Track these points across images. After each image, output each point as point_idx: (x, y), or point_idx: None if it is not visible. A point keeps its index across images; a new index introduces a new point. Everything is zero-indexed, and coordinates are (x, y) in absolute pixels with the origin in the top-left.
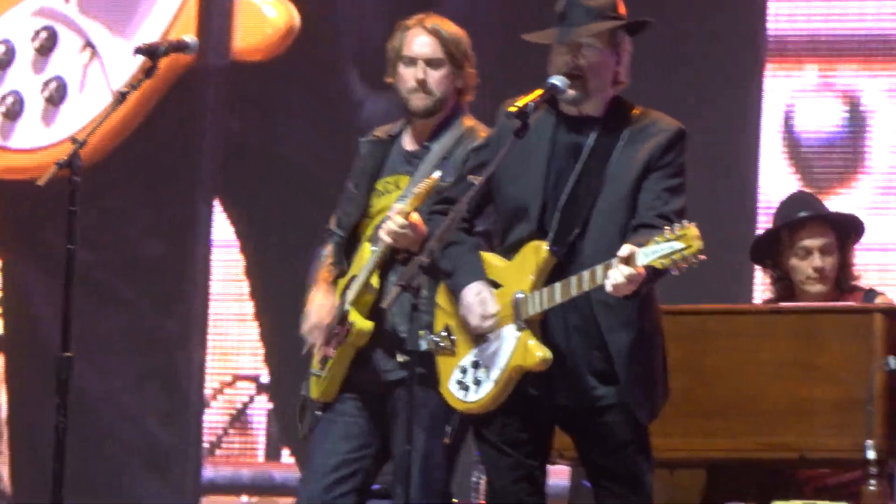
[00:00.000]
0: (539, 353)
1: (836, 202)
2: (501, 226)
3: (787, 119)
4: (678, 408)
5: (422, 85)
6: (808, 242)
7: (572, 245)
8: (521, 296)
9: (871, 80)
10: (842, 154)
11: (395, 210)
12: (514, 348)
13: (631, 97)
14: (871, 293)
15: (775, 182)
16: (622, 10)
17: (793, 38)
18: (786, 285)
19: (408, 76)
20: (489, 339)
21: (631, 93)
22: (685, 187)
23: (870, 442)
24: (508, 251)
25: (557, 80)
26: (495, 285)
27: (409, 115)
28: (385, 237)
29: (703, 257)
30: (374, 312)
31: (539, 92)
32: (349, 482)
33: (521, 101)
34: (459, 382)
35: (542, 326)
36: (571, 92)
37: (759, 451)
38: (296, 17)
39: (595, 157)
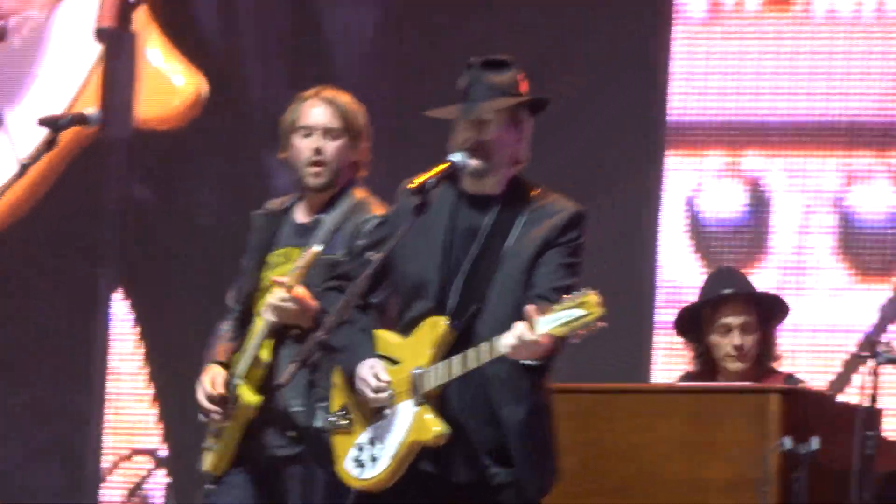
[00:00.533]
0: (436, 427)
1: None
2: (400, 302)
3: (691, 202)
4: (577, 485)
5: (318, 154)
6: (728, 320)
7: (470, 322)
8: (418, 371)
9: (773, 165)
10: (746, 236)
11: (278, 284)
12: (411, 423)
13: (534, 177)
14: (791, 378)
15: (677, 263)
16: (524, 88)
17: (694, 123)
18: (706, 361)
19: (304, 147)
20: (386, 416)
21: (533, 173)
22: (581, 268)
23: None
24: (406, 328)
25: (457, 157)
26: (393, 362)
27: (303, 189)
28: (268, 315)
29: (602, 324)
30: (265, 387)
31: (438, 168)
32: None
33: (421, 179)
34: (356, 460)
35: (441, 403)
36: (474, 163)
37: None
38: (204, 86)
39: (493, 236)
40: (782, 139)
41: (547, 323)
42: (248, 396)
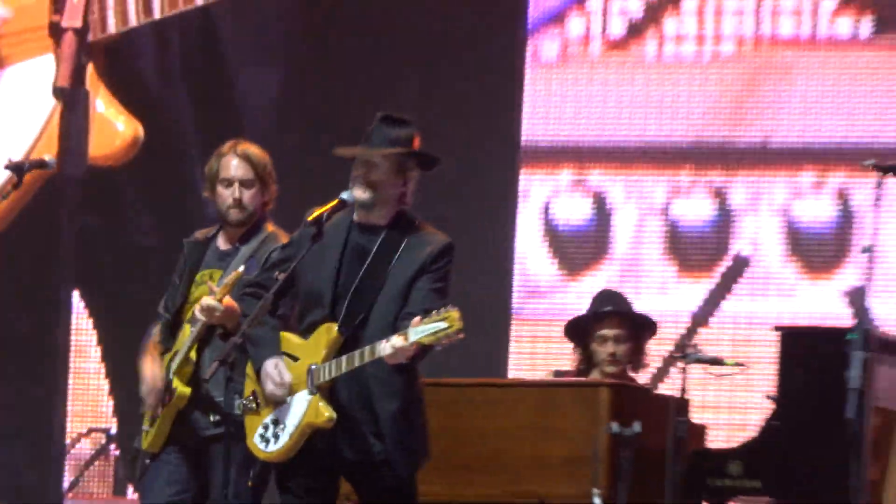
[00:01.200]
0: (327, 413)
1: (586, 283)
2: (300, 310)
3: (546, 213)
4: (443, 462)
5: (238, 203)
6: (605, 332)
7: (357, 328)
8: (314, 367)
9: (614, 181)
10: (591, 240)
11: (209, 294)
12: (307, 409)
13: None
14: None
15: (534, 268)
16: (416, 144)
17: (546, 144)
18: (586, 361)
19: (226, 195)
20: (287, 402)
21: (420, 184)
22: (448, 290)
23: (596, 490)
24: (305, 331)
25: (346, 195)
26: (293, 358)
27: (224, 223)
28: (200, 315)
29: (461, 336)
30: (193, 380)
31: (331, 204)
32: None
33: (317, 212)
34: (262, 436)
35: (332, 394)
36: (361, 196)
37: (507, 497)
38: (140, 130)
39: (378, 259)
40: (622, 160)
41: (417, 333)
42: (182, 389)
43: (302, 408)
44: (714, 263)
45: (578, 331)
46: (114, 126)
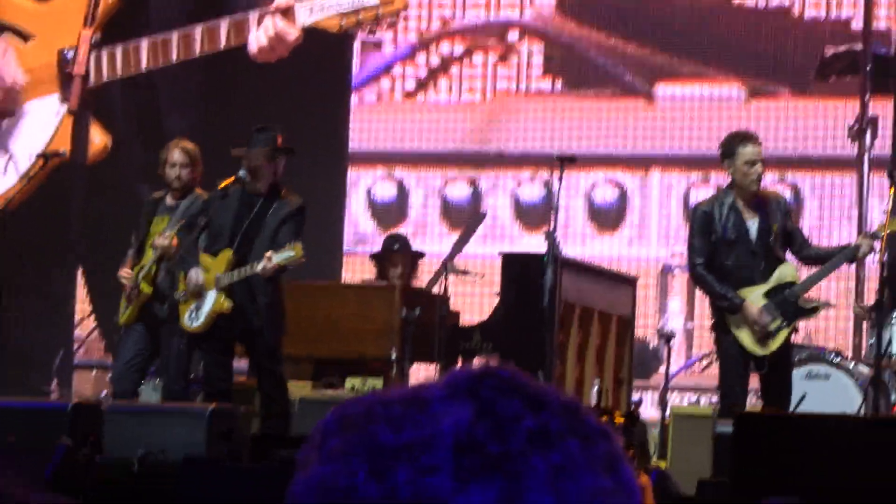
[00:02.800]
0: (227, 304)
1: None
2: (211, 241)
3: (370, 195)
4: (299, 334)
5: (179, 178)
6: (394, 260)
7: (245, 254)
8: (219, 276)
9: (413, 175)
10: (394, 210)
11: (163, 236)
12: (214, 301)
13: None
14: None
15: (362, 226)
16: (279, 142)
17: (372, 150)
18: (383, 276)
19: (172, 173)
20: (203, 296)
21: (287, 176)
22: (301, 232)
23: (393, 349)
24: (213, 254)
25: (242, 174)
26: (206, 270)
27: (170, 189)
28: (157, 247)
29: (303, 260)
30: (153, 283)
31: (232, 178)
32: (136, 366)
33: (224, 184)
34: (189, 317)
35: (229, 292)
36: (249, 178)
37: (340, 354)
38: (109, 142)
39: (260, 213)
40: (415, 162)
41: (276, 257)
42: (146, 288)
43: (211, 300)
44: (462, 223)
45: (378, 259)
46: (93, 139)
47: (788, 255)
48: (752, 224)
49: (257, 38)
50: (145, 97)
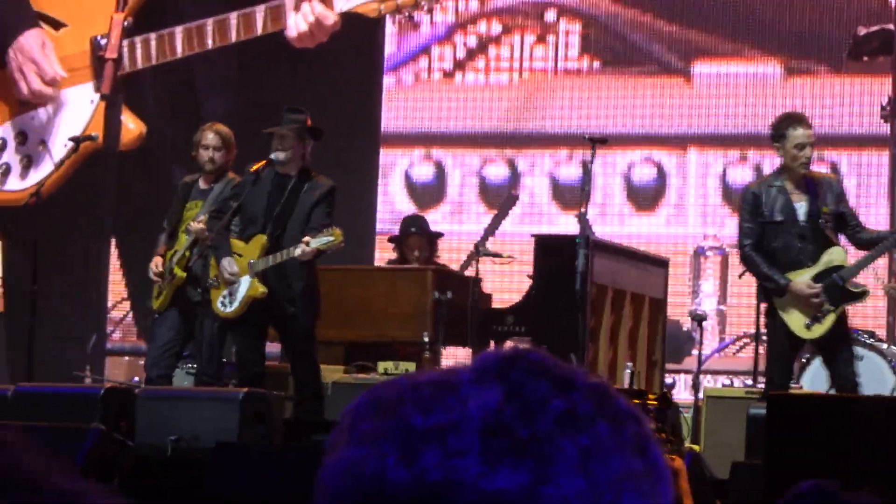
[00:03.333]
0: (261, 289)
1: (430, 215)
2: (244, 226)
3: (408, 176)
4: (333, 317)
5: (212, 161)
6: (411, 243)
7: (278, 238)
8: (252, 262)
9: (450, 155)
10: (431, 192)
11: (196, 220)
12: (248, 287)
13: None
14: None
15: (395, 205)
16: (308, 123)
17: (410, 132)
18: (402, 258)
19: (205, 156)
20: (237, 282)
21: (317, 158)
22: (333, 214)
23: (425, 333)
24: (246, 239)
25: (273, 156)
26: (240, 255)
27: (203, 172)
28: (192, 231)
29: (342, 245)
30: (186, 267)
31: (263, 161)
32: (171, 351)
33: (255, 167)
34: (221, 303)
35: (262, 277)
36: (280, 157)
37: (371, 337)
38: (144, 130)
39: (291, 195)
40: (454, 143)
41: (316, 242)
42: (180, 273)
43: (246, 286)
44: (497, 200)
45: (397, 241)
46: (128, 126)
47: (842, 239)
48: (801, 206)
49: (296, 24)
50: (181, 82)
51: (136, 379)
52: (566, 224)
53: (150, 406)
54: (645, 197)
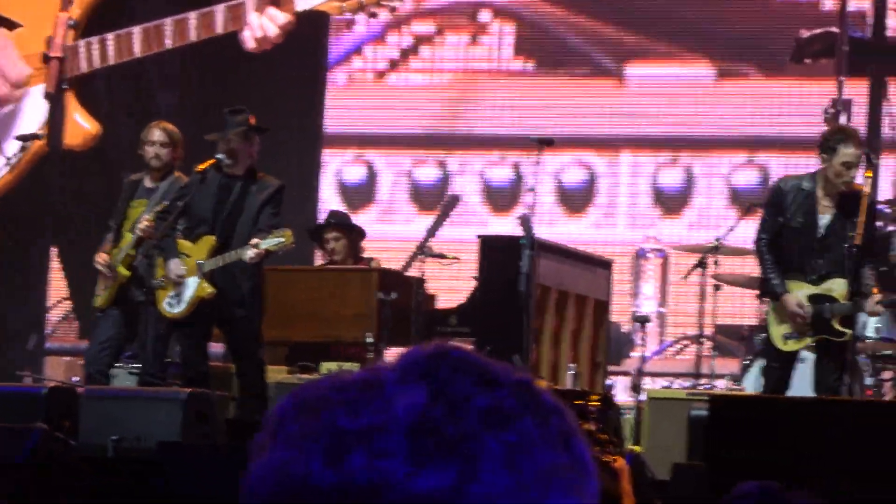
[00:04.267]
0: (209, 290)
1: (362, 216)
2: (191, 226)
3: (339, 177)
4: (278, 317)
5: (158, 158)
6: (329, 236)
7: (226, 240)
8: (201, 262)
9: (382, 157)
10: (360, 193)
11: (142, 220)
12: (196, 288)
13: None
14: (371, 260)
15: (330, 203)
16: (252, 121)
17: (342, 133)
18: (327, 255)
19: (150, 152)
20: (185, 283)
21: (261, 160)
22: (280, 214)
23: (369, 333)
24: (194, 240)
25: (219, 156)
26: (187, 256)
27: (149, 169)
28: (139, 231)
29: (293, 245)
30: (130, 267)
31: (210, 161)
32: (110, 349)
33: (202, 167)
34: (168, 303)
35: (210, 278)
36: (227, 161)
37: (317, 337)
38: (98, 129)
39: (239, 196)
40: (386, 144)
41: (264, 243)
42: (123, 271)
43: (193, 287)
44: (437, 202)
45: (314, 234)
46: (83, 126)
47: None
48: (824, 218)
49: (256, 30)
50: (134, 81)
51: (76, 378)
52: (497, 227)
53: (94, 406)
54: (575, 200)
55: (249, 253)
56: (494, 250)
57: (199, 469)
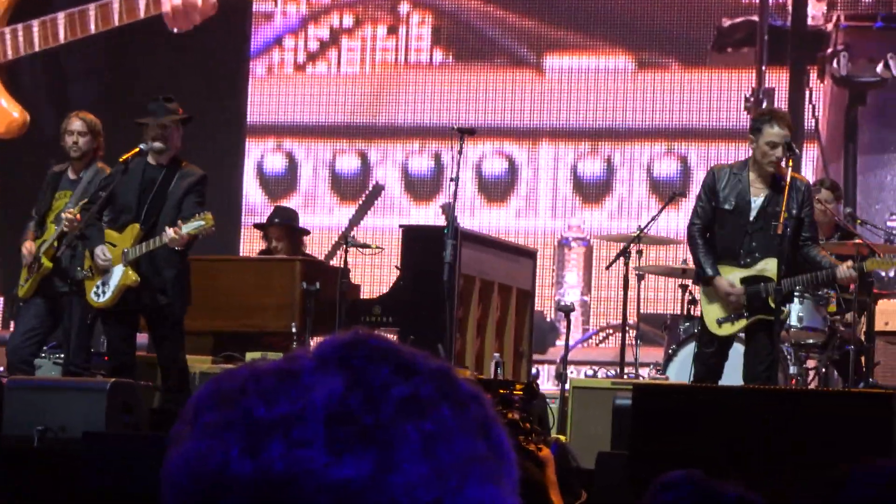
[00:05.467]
0: (134, 277)
1: (283, 204)
2: (116, 215)
3: (260, 167)
4: (201, 308)
5: (77, 146)
6: (272, 233)
7: (151, 226)
8: (126, 250)
9: (303, 147)
10: (282, 183)
11: (66, 211)
12: (121, 275)
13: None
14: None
15: (253, 194)
16: (181, 112)
17: (263, 122)
18: (268, 248)
19: (69, 141)
20: (110, 272)
21: (185, 150)
22: (204, 202)
23: (293, 323)
24: (119, 229)
25: (143, 146)
26: (112, 245)
27: (70, 160)
28: (64, 225)
29: (213, 229)
30: (54, 258)
31: (134, 151)
32: (34, 339)
33: (126, 156)
34: (95, 293)
35: (135, 266)
36: (156, 146)
37: (240, 328)
38: (27, 117)
39: (163, 184)
40: (306, 134)
41: (186, 228)
42: (46, 262)
43: (118, 275)
44: (361, 192)
45: (262, 228)
46: (11, 114)
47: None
48: (756, 201)
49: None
50: (52, 69)
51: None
52: (417, 216)
53: (18, 396)
54: (496, 189)
55: (171, 234)
56: (417, 240)
57: (123, 458)
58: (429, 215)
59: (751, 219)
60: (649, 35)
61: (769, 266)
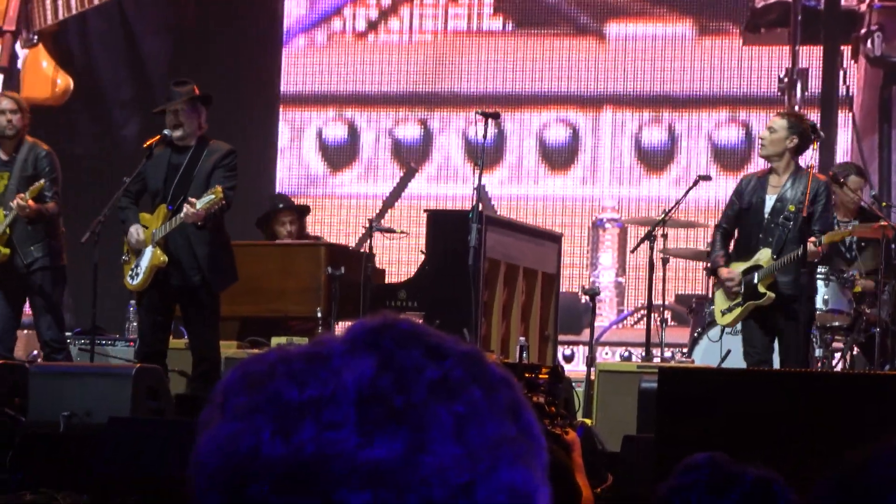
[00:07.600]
0: (163, 258)
1: (343, 176)
2: (150, 200)
3: (321, 136)
4: (224, 293)
5: (11, 124)
6: (282, 218)
7: (179, 207)
8: (156, 231)
9: (363, 115)
10: (343, 152)
11: (18, 197)
12: (151, 256)
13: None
14: (319, 238)
15: (310, 167)
16: (196, 91)
17: (301, 92)
18: (271, 237)
19: (2, 120)
20: (143, 254)
21: (213, 125)
22: (234, 177)
23: (318, 308)
24: (151, 210)
25: (167, 132)
26: (145, 227)
27: (3, 139)
28: (17, 210)
29: (223, 202)
30: (9, 244)
31: (158, 137)
32: (15, 326)
33: (150, 142)
34: (130, 275)
35: (166, 248)
36: (176, 134)
37: (265, 313)
38: (70, 83)
39: (190, 165)
40: (367, 103)
41: (201, 202)
42: (2, 248)
43: (148, 256)
44: (423, 160)
45: (265, 221)
46: (54, 80)
47: None
48: (770, 198)
49: None
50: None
51: (35, 353)
52: (454, 196)
53: (43, 382)
54: (559, 157)
55: (186, 210)
56: (442, 224)
57: (148, 444)
58: (490, 182)
59: (765, 215)
60: (711, 1)
61: (762, 255)
